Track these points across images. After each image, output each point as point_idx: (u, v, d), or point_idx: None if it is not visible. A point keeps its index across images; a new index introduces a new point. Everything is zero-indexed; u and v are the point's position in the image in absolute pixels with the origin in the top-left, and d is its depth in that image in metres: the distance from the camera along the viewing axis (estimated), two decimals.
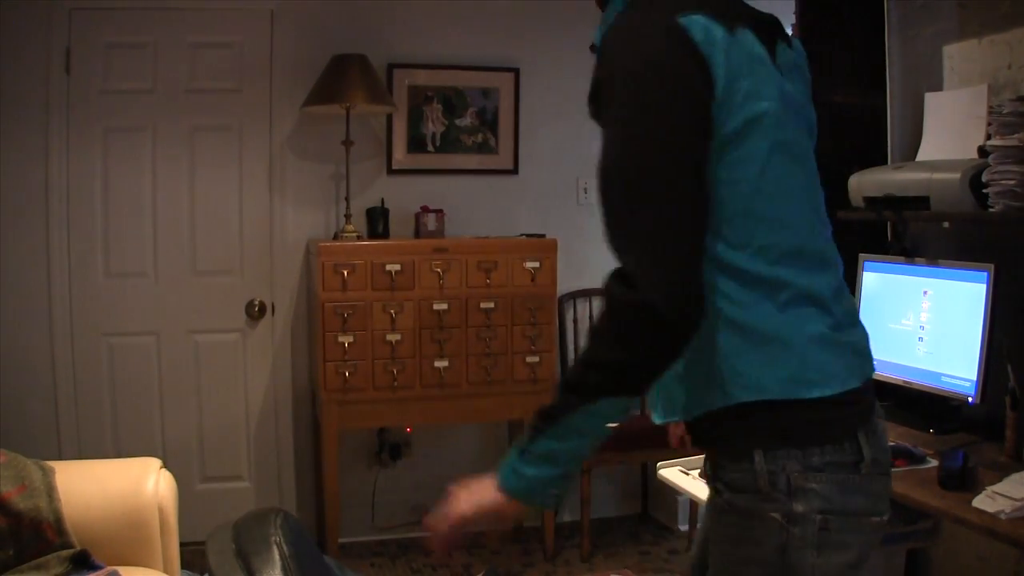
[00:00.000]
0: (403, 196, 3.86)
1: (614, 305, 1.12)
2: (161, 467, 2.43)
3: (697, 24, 1.10)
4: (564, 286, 3.87)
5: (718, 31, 1.11)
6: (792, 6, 2.87)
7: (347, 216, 3.65)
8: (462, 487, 1.24)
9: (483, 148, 3.99)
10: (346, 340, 3.43)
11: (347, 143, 3.64)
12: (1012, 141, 2.13)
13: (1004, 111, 2.20)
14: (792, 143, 1.19)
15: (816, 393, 1.14)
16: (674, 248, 1.09)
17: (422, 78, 3.91)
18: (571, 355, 4.08)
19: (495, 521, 1.22)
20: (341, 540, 3.67)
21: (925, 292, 2.50)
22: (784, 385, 1.14)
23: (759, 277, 1.15)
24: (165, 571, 2.35)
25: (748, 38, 1.15)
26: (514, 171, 4.04)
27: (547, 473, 1.17)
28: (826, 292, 1.19)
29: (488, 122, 3.99)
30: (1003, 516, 1.80)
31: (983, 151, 2.27)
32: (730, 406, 1.17)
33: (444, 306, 3.51)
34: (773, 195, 1.16)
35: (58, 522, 2.22)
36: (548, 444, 1.16)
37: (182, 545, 2.46)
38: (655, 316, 1.07)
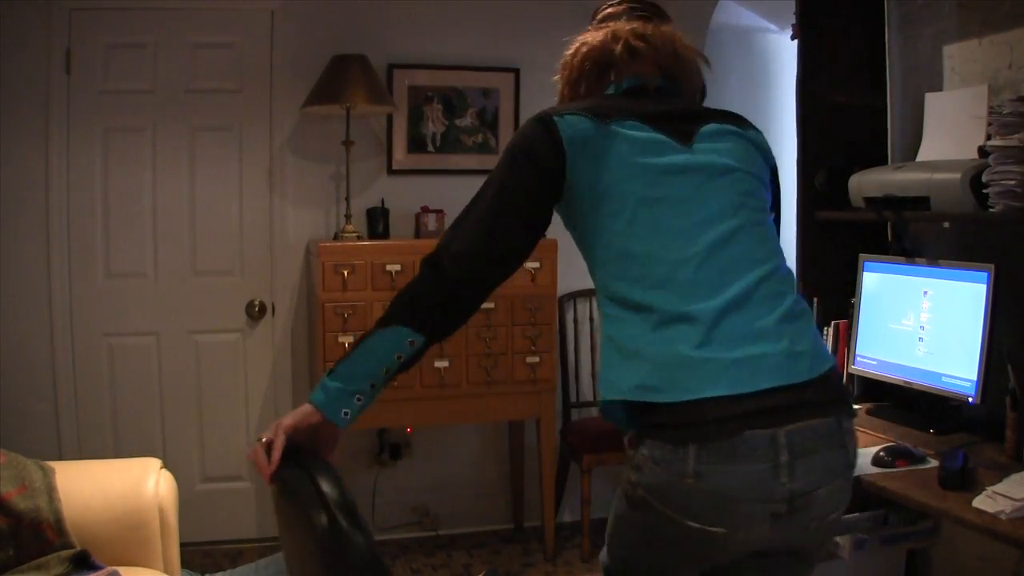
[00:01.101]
0: (403, 196, 3.87)
1: (423, 258, 1.52)
2: (161, 467, 2.43)
3: (566, 120, 1.50)
4: (564, 286, 3.87)
5: (585, 123, 1.49)
6: (792, 6, 2.87)
7: (347, 216, 3.65)
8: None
9: (483, 148, 3.99)
10: (346, 340, 3.43)
11: (347, 143, 3.64)
12: (1012, 141, 2.13)
13: (1004, 111, 2.20)
14: (669, 196, 1.48)
15: (652, 398, 1.39)
16: (475, 234, 1.49)
17: (422, 78, 3.91)
18: (571, 355, 4.08)
19: (317, 441, 1.49)
20: None
21: (925, 292, 2.50)
22: (633, 390, 1.41)
23: (634, 302, 1.44)
24: (165, 571, 2.35)
25: (627, 126, 1.50)
26: None
27: (343, 386, 1.49)
28: (701, 314, 1.40)
29: (488, 122, 4.00)
30: (1003, 516, 1.80)
31: (983, 151, 2.26)
32: (608, 403, 1.46)
33: None
34: (644, 237, 1.46)
35: (58, 522, 2.22)
36: (349, 364, 1.51)
37: (182, 545, 2.46)
38: (438, 261, 1.49)
